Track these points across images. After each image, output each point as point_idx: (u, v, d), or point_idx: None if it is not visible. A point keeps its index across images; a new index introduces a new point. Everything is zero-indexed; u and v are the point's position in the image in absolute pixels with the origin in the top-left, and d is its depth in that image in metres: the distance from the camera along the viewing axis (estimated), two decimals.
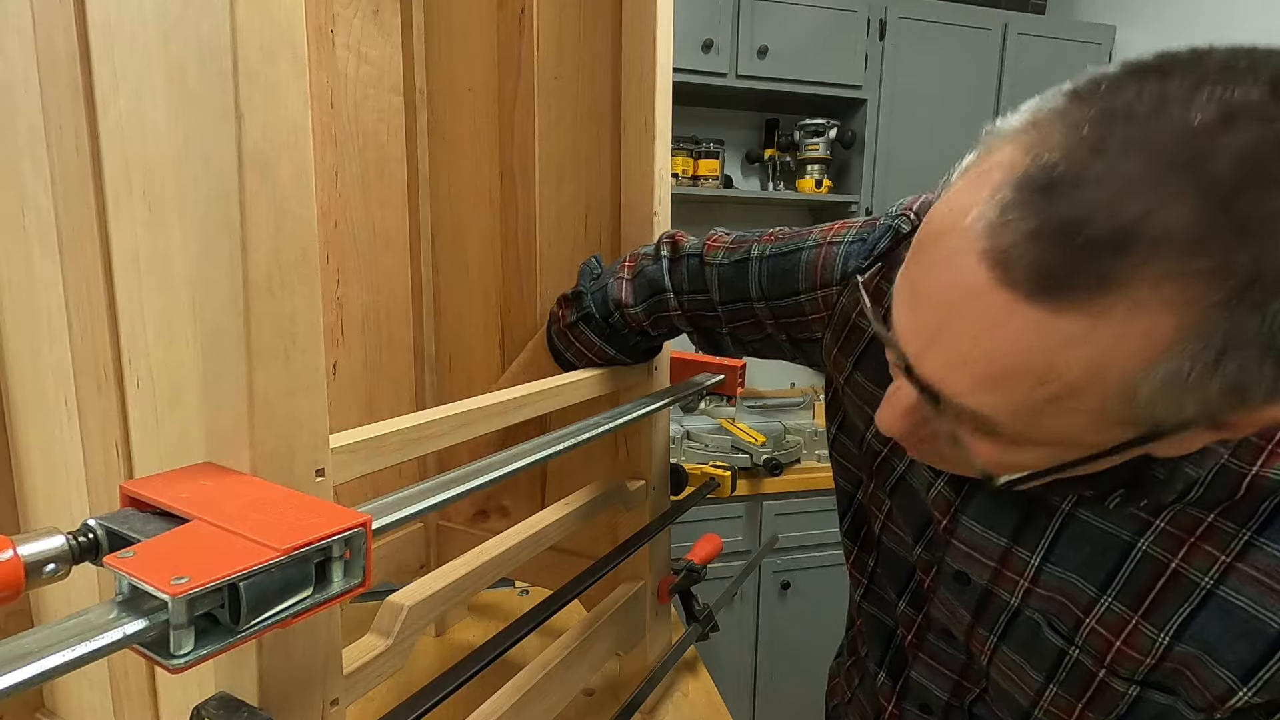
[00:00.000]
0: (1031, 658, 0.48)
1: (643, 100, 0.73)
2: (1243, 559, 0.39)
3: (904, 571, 0.58)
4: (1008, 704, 0.51)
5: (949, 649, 0.55)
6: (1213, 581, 0.40)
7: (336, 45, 0.80)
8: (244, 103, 0.32)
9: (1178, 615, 0.41)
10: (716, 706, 0.82)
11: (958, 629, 0.53)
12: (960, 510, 0.50)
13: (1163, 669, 0.42)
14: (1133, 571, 0.42)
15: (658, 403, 0.71)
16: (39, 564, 0.29)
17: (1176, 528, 0.41)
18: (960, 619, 0.52)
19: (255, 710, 0.35)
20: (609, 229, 0.80)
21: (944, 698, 0.56)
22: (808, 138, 2.10)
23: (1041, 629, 0.47)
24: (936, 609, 0.55)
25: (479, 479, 0.46)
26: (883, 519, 0.59)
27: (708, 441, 1.77)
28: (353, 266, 0.85)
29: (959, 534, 0.50)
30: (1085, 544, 0.44)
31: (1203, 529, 0.40)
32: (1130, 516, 0.42)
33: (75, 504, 0.53)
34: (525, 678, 0.61)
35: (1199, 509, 0.40)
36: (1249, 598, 0.39)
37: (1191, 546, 0.41)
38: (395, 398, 0.92)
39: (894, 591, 0.59)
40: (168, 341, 0.43)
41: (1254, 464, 0.38)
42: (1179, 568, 0.41)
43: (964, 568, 0.50)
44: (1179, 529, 0.41)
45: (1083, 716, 0.46)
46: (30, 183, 0.49)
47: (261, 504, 0.32)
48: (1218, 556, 0.40)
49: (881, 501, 0.58)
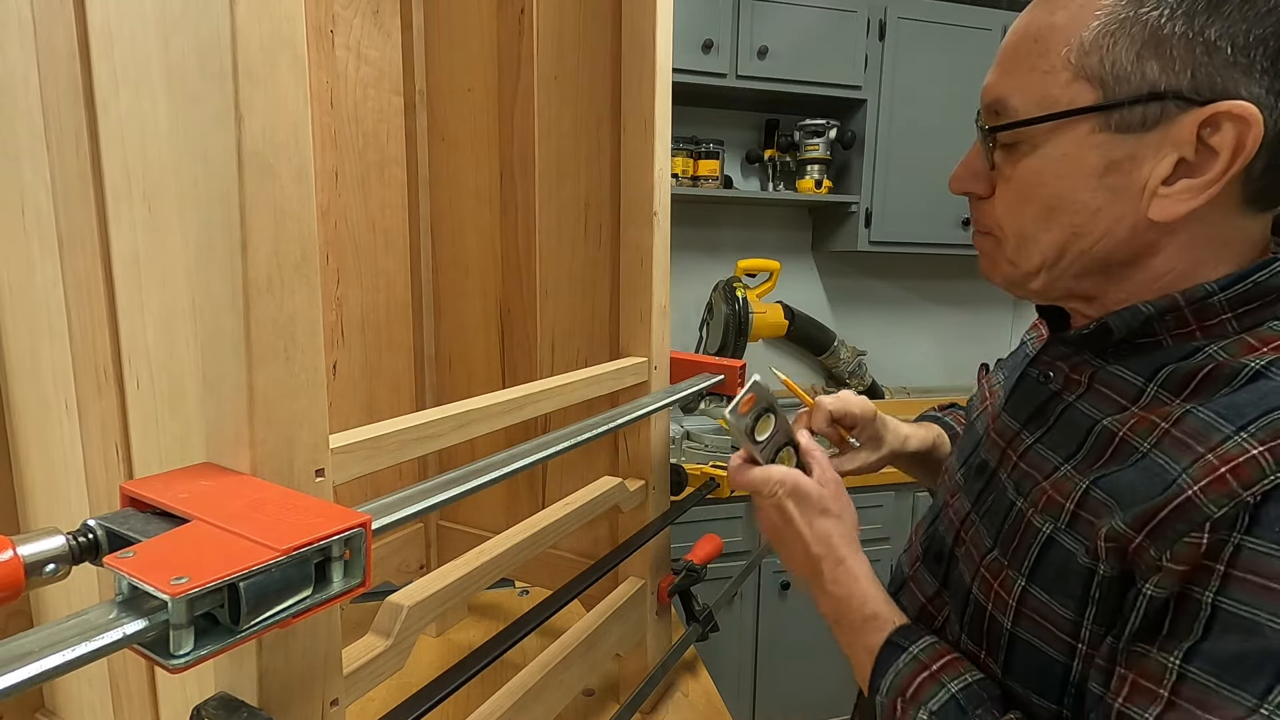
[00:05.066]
0: (990, 522, 0.52)
1: (643, 100, 0.72)
2: (1177, 424, 0.41)
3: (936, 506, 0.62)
4: (959, 595, 0.53)
5: (929, 576, 0.59)
6: (1149, 446, 0.42)
7: (336, 45, 0.80)
8: (244, 103, 0.32)
9: (1106, 471, 0.44)
10: (716, 706, 0.82)
11: (952, 526, 0.57)
12: (1003, 409, 0.56)
13: (1080, 518, 0.44)
14: (1093, 444, 0.46)
15: (658, 403, 0.71)
16: (39, 564, 0.29)
17: (1142, 409, 0.44)
18: (960, 511, 0.56)
19: (255, 710, 0.35)
20: (609, 229, 0.80)
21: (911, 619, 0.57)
22: (808, 138, 2.10)
23: (1006, 492, 0.51)
24: (943, 522, 0.58)
25: (479, 479, 0.46)
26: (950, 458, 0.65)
27: (708, 441, 1.77)
28: (353, 266, 0.85)
29: (995, 427, 0.56)
30: (1069, 426, 0.48)
31: (1159, 407, 0.43)
32: (1112, 402, 0.46)
33: (75, 504, 0.53)
34: (525, 678, 0.61)
35: (1170, 394, 0.44)
36: (1165, 453, 0.41)
37: (1141, 418, 0.44)
38: (395, 398, 0.92)
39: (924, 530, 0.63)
40: (168, 342, 0.43)
41: (1237, 357, 0.42)
42: (1125, 435, 0.44)
43: (987, 456, 0.56)
44: (1144, 410, 0.44)
45: (1003, 569, 0.48)
46: (30, 183, 0.49)
47: (261, 504, 0.32)
48: (1159, 424, 0.42)
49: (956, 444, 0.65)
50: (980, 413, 0.62)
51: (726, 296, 1.80)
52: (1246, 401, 0.39)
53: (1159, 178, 0.42)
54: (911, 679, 0.50)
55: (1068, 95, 0.43)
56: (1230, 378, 0.41)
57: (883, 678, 0.51)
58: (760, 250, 2.24)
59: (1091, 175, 0.44)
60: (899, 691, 0.50)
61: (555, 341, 0.87)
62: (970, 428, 0.62)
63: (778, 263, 1.87)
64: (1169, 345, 0.45)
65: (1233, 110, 0.39)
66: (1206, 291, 0.43)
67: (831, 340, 2.28)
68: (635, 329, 0.78)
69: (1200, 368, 0.43)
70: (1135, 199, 0.43)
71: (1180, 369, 0.44)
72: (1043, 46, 0.44)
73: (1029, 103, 0.45)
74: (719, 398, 0.82)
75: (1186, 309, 0.44)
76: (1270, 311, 0.43)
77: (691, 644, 0.87)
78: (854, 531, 0.60)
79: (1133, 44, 0.41)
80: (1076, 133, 0.44)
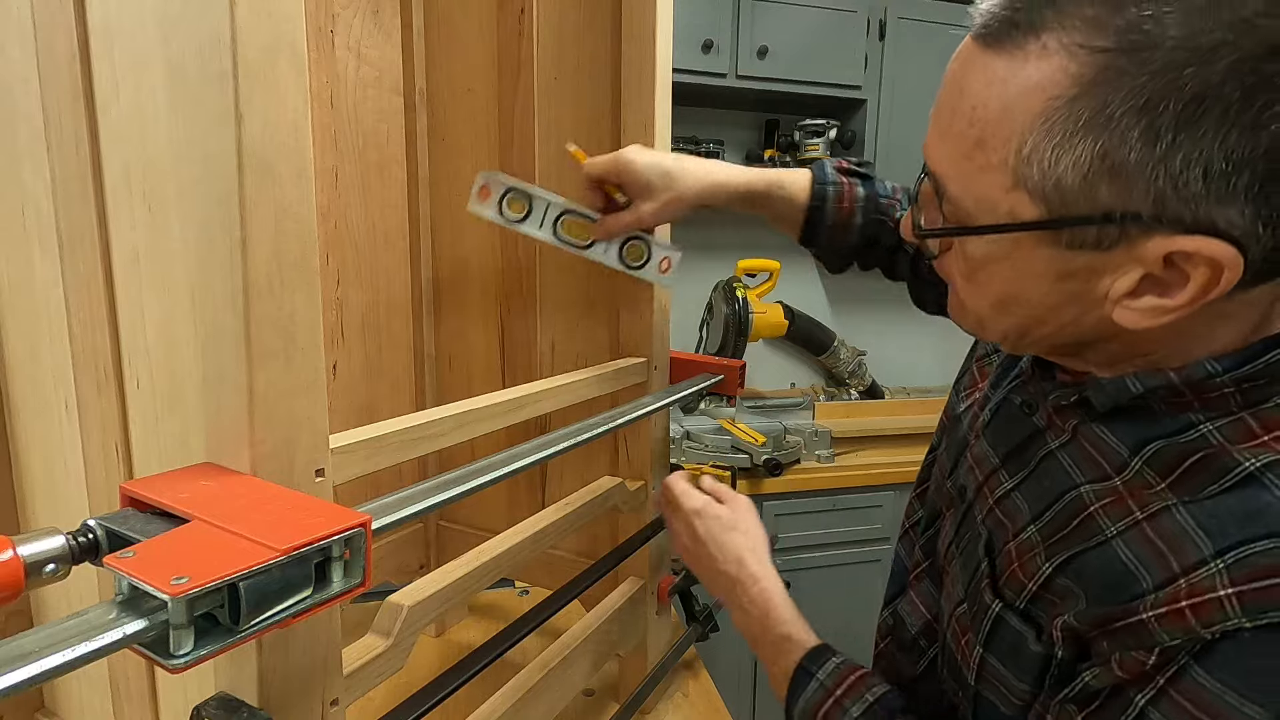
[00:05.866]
0: (964, 567, 0.50)
1: (643, 100, 0.72)
2: (1152, 520, 0.38)
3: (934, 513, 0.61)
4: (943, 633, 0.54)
5: (932, 589, 0.58)
6: (1115, 532, 0.39)
7: (336, 45, 0.80)
8: (244, 103, 0.32)
9: (1069, 551, 0.42)
10: (716, 706, 0.82)
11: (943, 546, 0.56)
12: (984, 429, 0.53)
13: (1042, 598, 0.43)
14: (1061, 509, 0.43)
15: (658, 403, 0.71)
16: (39, 564, 0.29)
17: (1124, 483, 0.41)
18: (948, 535, 0.55)
19: (255, 710, 0.35)
20: None
21: (913, 633, 0.59)
22: (808, 138, 2.10)
23: (979, 542, 0.49)
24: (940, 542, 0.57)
25: (479, 479, 0.46)
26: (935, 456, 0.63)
27: (708, 442, 1.77)
28: (353, 266, 0.85)
29: (973, 449, 0.54)
30: (1047, 479, 0.45)
31: (1142, 489, 0.40)
32: (1094, 465, 0.42)
33: (75, 504, 0.53)
34: (525, 678, 0.61)
35: (1156, 475, 0.39)
36: (1133, 551, 0.38)
37: (1118, 498, 0.40)
38: (395, 398, 0.92)
39: (920, 532, 0.63)
40: (168, 341, 0.43)
41: (1234, 444, 0.37)
42: (1096, 511, 0.41)
43: (965, 481, 0.54)
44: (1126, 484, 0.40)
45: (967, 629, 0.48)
46: (30, 183, 0.49)
47: (261, 504, 0.32)
48: (1133, 511, 0.39)
49: (939, 445, 0.63)
50: (968, 405, 0.59)
51: (726, 296, 1.80)
52: (1230, 515, 0.35)
53: (1121, 291, 0.37)
54: (819, 705, 0.54)
55: (1008, 204, 0.37)
56: (1221, 474, 0.37)
57: (795, 703, 0.56)
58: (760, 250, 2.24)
59: (1044, 280, 0.38)
60: (810, 716, 0.54)
61: (555, 341, 0.87)
62: (956, 422, 0.60)
63: (778, 263, 1.87)
64: (1161, 414, 0.40)
65: (1203, 251, 0.33)
66: (1208, 372, 0.38)
67: (831, 340, 2.28)
68: (635, 329, 0.78)
69: (1192, 451, 0.38)
70: (1098, 303, 0.38)
71: (1170, 447, 0.39)
72: (979, 134, 0.36)
73: (967, 197, 0.38)
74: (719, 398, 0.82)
75: (1183, 386, 0.39)
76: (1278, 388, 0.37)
77: (691, 644, 0.87)
78: (764, 549, 0.65)
79: (1079, 166, 0.33)
80: (1023, 240, 0.37)
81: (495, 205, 0.68)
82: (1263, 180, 0.31)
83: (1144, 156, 0.32)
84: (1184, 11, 0.30)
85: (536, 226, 0.68)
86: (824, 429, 1.92)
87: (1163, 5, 0.30)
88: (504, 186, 0.68)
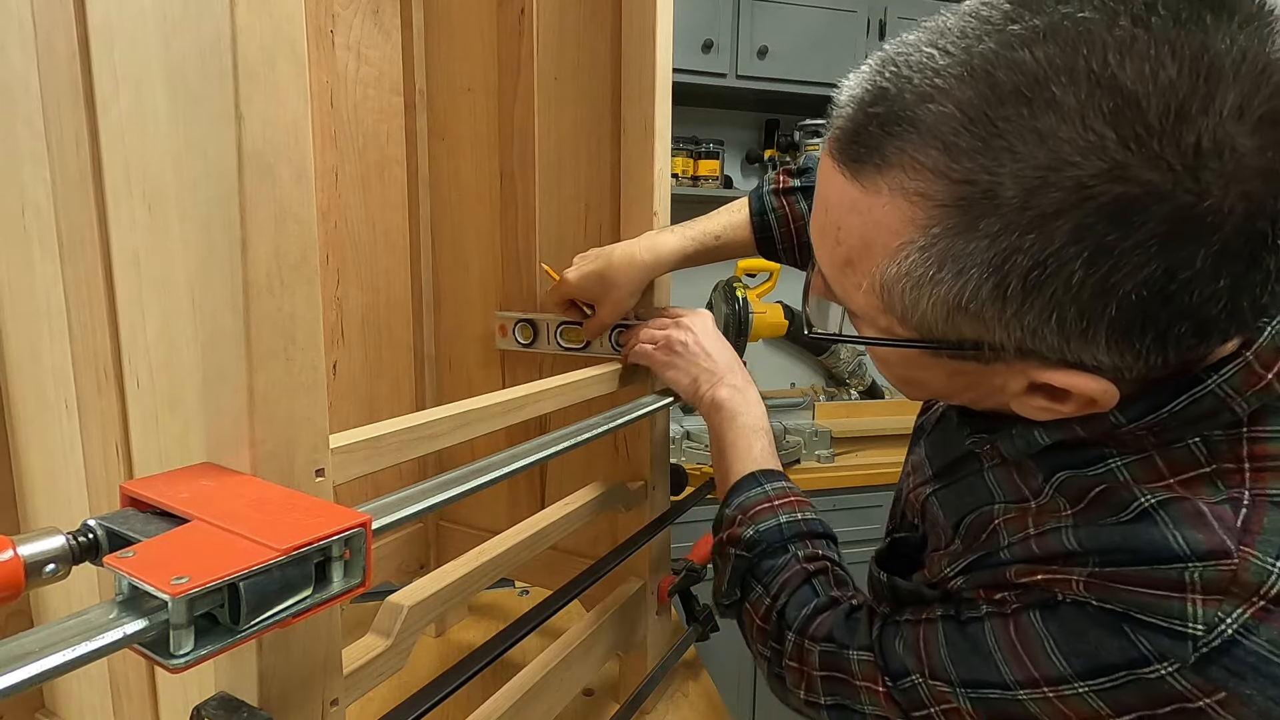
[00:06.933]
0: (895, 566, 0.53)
1: (643, 100, 0.72)
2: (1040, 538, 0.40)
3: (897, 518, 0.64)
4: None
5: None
6: (1008, 544, 0.42)
7: (336, 45, 0.80)
8: (244, 103, 0.32)
9: (972, 554, 0.45)
10: (716, 706, 0.82)
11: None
12: (926, 436, 0.56)
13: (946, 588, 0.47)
14: (972, 522, 0.46)
15: (658, 403, 0.71)
16: (39, 564, 0.29)
17: (1038, 506, 0.42)
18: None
19: (255, 710, 0.35)
20: (609, 229, 0.80)
21: None
22: (808, 138, 2.10)
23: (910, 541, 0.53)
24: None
25: (479, 479, 0.46)
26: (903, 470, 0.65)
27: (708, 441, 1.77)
28: (353, 266, 0.85)
29: (914, 452, 0.57)
30: (969, 495, 0.47)
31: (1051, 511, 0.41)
32: (1015, 489, 0.44)
33: (75, 504, 0.53)
34: (525, 678, 0.61)
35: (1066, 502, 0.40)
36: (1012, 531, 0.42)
37: (1020, 516, 0.42)
38: (395, 398, 0.92)
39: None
40: (168, 341, 0.43)
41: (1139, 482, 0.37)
42: (999, 525, 0.44)
43: (903, 483, 0.57)
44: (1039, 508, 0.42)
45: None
46: (30, 183, 0.49)
47: (261, 504, 0.32)
48: (1028, 527, 0.41)
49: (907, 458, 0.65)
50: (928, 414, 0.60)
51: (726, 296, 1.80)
52: (1110, 539, 0.37)
53: (1015, 392, 0.37)
54: (755, 504, 0.59)
55: (883, 320, 0.37)
56: (1120, 508, 0.37)
57: (736, 497, 0.61)
58: None
59: (939, 373, 0.39)
60: (742, 510, 0.59)
61: None
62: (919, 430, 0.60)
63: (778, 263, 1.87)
64: (1075, 447, 0.40)
65: (1071, 386, 0.34)
66: (1113, 424, 0.37)
67: None
68: None
69: (1097, 484, 0.38)
70: (995, 393, 0.38)
71: (1078, 477, 0.40)
72: (846, 254, 0.36)
73: (850, 304, 0.38)
74: None
75: (1089, 438, 0.39)
76: (1191, 430, 0.37)
77: (691, 644, 0.87)
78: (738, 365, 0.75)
79: (938, 306, 0.33)
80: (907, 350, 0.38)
81: (512, 337, 0.84)
82: (1122, 333, 0.30)
83: (998, 310, 0.32)
84: (1022, 166, 0.28)
85: (546, 343, 0.82)
86: (824, 429, 1.92)
87: (1000, 158, 0.29)
88: (514, 320, 0.84)
